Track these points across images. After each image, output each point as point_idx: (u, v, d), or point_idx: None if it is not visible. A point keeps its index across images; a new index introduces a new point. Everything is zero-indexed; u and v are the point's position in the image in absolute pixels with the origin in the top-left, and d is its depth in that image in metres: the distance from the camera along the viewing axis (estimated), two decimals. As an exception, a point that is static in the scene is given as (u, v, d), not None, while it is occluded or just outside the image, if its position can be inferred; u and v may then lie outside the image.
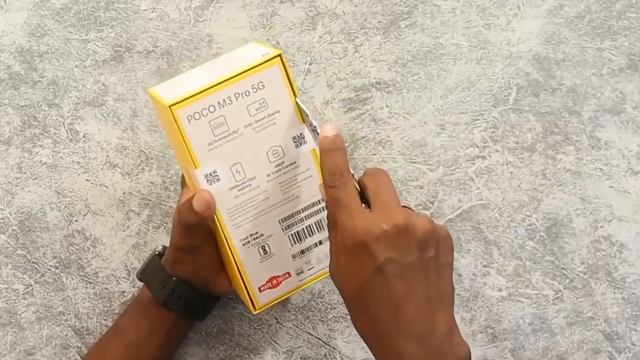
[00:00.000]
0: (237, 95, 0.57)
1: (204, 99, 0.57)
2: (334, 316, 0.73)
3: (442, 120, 0.73)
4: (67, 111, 0.73)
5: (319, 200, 0.61)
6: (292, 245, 0.61)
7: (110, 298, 0.73)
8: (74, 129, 0.73)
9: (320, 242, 0.61)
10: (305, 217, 0.61)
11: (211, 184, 0.58)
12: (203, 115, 0.57)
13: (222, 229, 0.59)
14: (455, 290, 0.73)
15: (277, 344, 0.74)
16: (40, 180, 0.73)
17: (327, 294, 0.73)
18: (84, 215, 0.73)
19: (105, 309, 0.73)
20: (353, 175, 0.53)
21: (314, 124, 0.56)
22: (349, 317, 0.73)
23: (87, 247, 0.73)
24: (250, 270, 0.61)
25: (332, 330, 0.73)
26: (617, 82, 0.73)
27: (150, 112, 0.73)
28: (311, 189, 0.60)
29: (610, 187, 0.73)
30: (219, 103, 0.57)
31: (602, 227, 0.73)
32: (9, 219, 0.73)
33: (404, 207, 0.52)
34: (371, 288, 0.50)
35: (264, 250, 0.61)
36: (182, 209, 0.59)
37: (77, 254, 0.73)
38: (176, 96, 0.57)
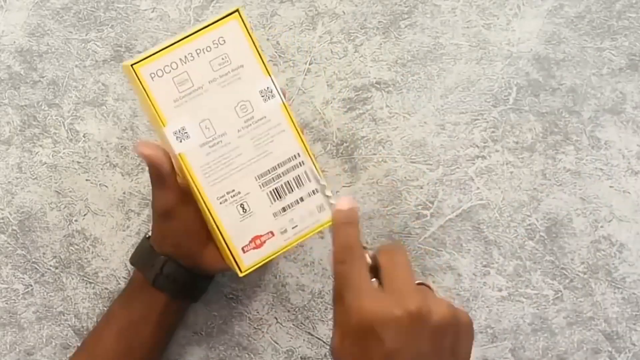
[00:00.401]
0: (198, 51, 0.58)
1: (165, 57, 0.58)
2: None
3: (442, 120, 0.73)
4: (67, 111, 0.73)
5: (294, 155, 0.61)
6: (271, 203, 0.61)
7: (110, 298, 0.73)
8: (74, 128, 0.73)
9: (302, 199, 0.61)
10: (282, 172, 0.61)
11: (181, 141, 0.59)
12: (166, 72, 0.58)
13: (197, 187, 0.60)
14: (455, 290, 0.73)
15: (277, 344, 0.74)
16: (40, 180, 0.73)
17: (327, 294, 0.73)
18: (84, 215, 0.73)
19: (105, 309, 0.73)
20: (367, 248, 0.51)
21: (328, 193, 0.58)
22: (349, 317, 0.73)
23: (87, 247, 0.73)
24: (230, 229, 0.60)
25: (332, 330, 0.73)
26: (617, 82, 0.73)
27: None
28: (285, 144, 0.60)
29: (610, 187, 0.73)
30: (180, 60, 0.58)
31: (602, 227, 0.73)
32: (9, 219, 0.73)
33: (419, 284, 0.49)
34: None
35: (243, 208, 0.61)
36: (149, 170, 0.61)
37: (77, 254, 0.73)
38: (138, 57, 0.58)
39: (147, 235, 0.68)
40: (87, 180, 0.73)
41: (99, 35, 0.73)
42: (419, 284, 0.50)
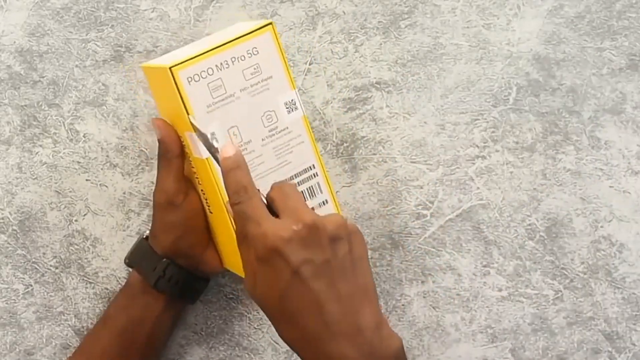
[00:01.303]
0: (233, 59, 0.60)
1: (203, 62, 0.59)
2: (334, 316, 0.73)
3: (442, 120, 0.73)
4: (67, 111, 0.73)
5: (310, 167, 0.63)
6: None
7: (110, 298, 0.73)
8: (74, 128, 0.73)
9: (312, 209, 0.62)
10: (298, 182, 0.63)
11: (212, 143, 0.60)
12: (202, 78, 0.59)
13: (220, 193, 0.60)
14: (455, 290, 0.73)
15: (277, 344, 0.74)
16: (40, 180, 0.73)
17: (327, 294, 0.73)
18: (84, 215, 0.73)
19: (105, 309, 0.73)
20: (259, 190, 0.54)
21: (215, 145, 0.58)
22: (349, 317, 0.73)
23: (87, 247, 0.73)
24: None
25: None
26: (617, 82, 0.73)
27: (150, 112, 0.73)
28: (303, 155, 0.62)
29: (610, 187, 0.73)
30: (216, 66, 0.59)
31: (602, 227, 0.73)
32: (9, 219, 0.73)
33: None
34: (291, 294, 0.49)
35: None
36: (158, 150, 0.63)
37: (77, 254, 0.73)
38: (176, 60, 0.59)
39: (144, 236, 0.68)
40: (87, 180, 0.73)
41: (99, 35, 0.73)
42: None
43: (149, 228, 0.73)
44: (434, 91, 0.73)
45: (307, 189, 0.63)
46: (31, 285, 0.73)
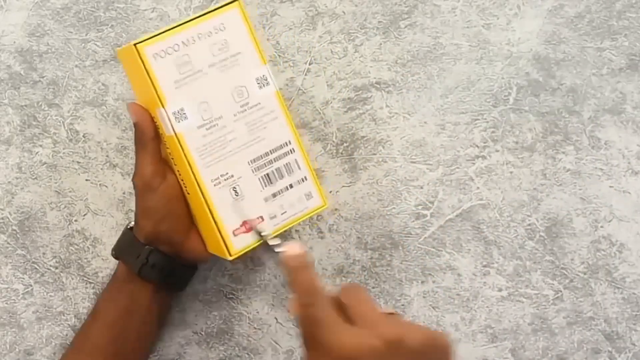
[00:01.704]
0: (199, 35, 0.61)
1: (168, 38, 0.60)
2: (334, 316, 0.73)
3: (442, 120, 0.73)
4: (67, 111, 0.73)
5: (286, 143, 0.63)
6: (263, 188, 0.62)
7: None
8: (74, 128, 0.73)
9: (291, 186, 0.63)
10: (274, 159, 0.63)
11: (179, 121, 0.60)
12: (168, 54, 0.60)
13: (192, 169, 0.61)
14: (455, 290, 0.73)
15: (277, 344, 0.74)
16: (40, 180, 0.73)
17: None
18: (84, 215, 0.73)
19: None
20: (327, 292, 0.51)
21: (277, 244, 0.59)
22: (349, 317, 0.73)
23: (87, 247, 0.73)
24: (222, 212, 0.61)
25: None
26: (617, 82, 0.73)
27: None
28: (278, 130, 0.62)
29: (610, 187, 0.73)
30: (183, 42, 0.60)
31: (602, 227, 0.73)
32: (9, 219, 0.73)
33: (390, 314, 0.49)
34: None
35: (235, 191, 0.62)
36: (134, 134, 0.63)
37: (77, 254, 0.73)
38: (141, 37, 0.60)
39: (128, 226, 0.68)
40: (87, 180, 0.73)
41: (99, 35, 0.73)
42: (388, 313, 0.49)
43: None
44: (434, 91, 0.73)
45: (284, 165, 0.63)
46: (31, 285, 0.73)
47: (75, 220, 0.73)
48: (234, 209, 0.62)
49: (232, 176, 0.62)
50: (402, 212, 0.73)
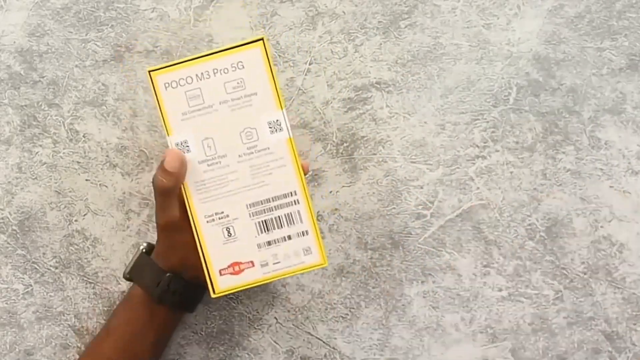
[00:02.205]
0: (215, 70, 0.60)
1: (182, 70, 0.60)
2: (334, 316, 0.73)
3: (442, 120, 0.73)
4: (67, 111, 0.73)
5: (291, 192, 0.61)
6: (258, 234, 0.61)
7: (110, 298, 0.73)
8: (74, 128, 0.73)
9: (289, 237, 0.61)
10: (274, 207, 0.61)
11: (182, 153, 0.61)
12: (180, 85, 0.60)
13: (188, 201, 0.61)
14: (455, 290, 0.73)
15: (277, 344, 0.74)
16: (40, 180, 0.73)
17: (327, 294, 0.73)
18: (84, 215, 0.73)
19: (105, 309, 0.73)
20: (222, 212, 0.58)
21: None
22: (349, 316, 0.73)
23: (87, 247, 0.73)
24: (212, 249, 0.61)
25: (332, 330, 0.73)
26: (617, 82, 0.73)
27: (150, 112, 0.73)
28: (284, 179, 0.61)
29: (610, 187, 0.73)
30: (197, 75, 0.60)
31: (602, 227, 0.73)
32: (9, 219, 0.73)
33: None
34: None
35: (229, 232, 0.61)
36: (157, 174, 0.61)
37: (77, 254, 0.73)
38: (159, 65, 0.61)
39: (142, 249, 0.68)
40: (87, 180, 0.73)
41: (99, 35, 0.73)
42: None
43: (149, 228, 0.73)
44: (434, 91, 0.73)
45: (285, 215, 0.61)
46: (31, 285, 0.73)
47: (75, 220, 0.73)
48: (224, 249, 0.61)
49: (228, 216, 0.61)
50: (402, 212, 0.73)
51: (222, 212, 0.61)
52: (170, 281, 0.64)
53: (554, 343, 0.73)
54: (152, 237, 0.73)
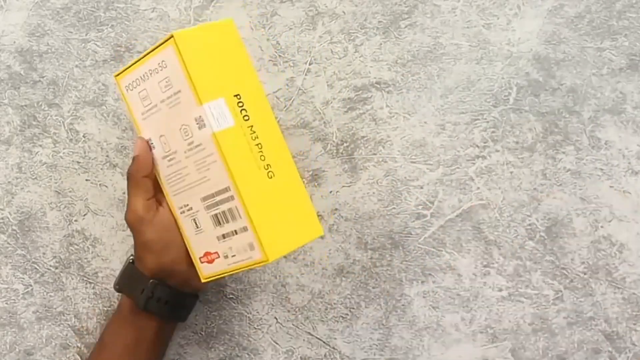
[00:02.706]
0: (150, 71, 0.61)
1: (132, 72, 0.62)
2: (334, 316, 0.73)
3: (442, 120, 0.73)
4: (67, 111, 0.73)
5: (225, 189, 0.59)
6: (214, 227, 0.61)
7: (110, 298, 0.73)
8: (74, 128, 0.73)
9: (236, 232, 0.60)
10: (218, 202, 0.60)
11: (151, 150, 0.63)
12: (134, 87, 0.62)
13: (166, 194, 0.63)
14: (456, 290, 0.73)
15: (277, 344, 0.74)
16: (40, 180, 0.73)
17: (327, 294, 0.73)
18: (84, 215, 0.73)
19: (105, 309, 0.73)
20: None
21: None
22: (349, 316, 0.73)
23: (87, 247, 0.73)
24: (191, 239, 0.63)
25: (332, 330, 0.73)
26: (617, 82, 0.73)
27: (150, 112, 0.73)
28: (218, 174, 0.59)
29: (610, 187, 0.73)
30: (141, 77, 0.62)
31: (602, 227, 0.73)
32: (9, 219, 0.73)
33: None
34: None
35: (196, 223, 0.62)
36: (129, 168, 0.63)
37: (77, 254, 0.73)
38: (122, 68, 0.63)
39: (130, 260, 0.67)
40: (87, 180, 0.73)
41: (99, 35, 0.73)
42: None
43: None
44: (434, 91, 0.73)
45: (227, 210, 0.60)
46: (31, 285, 0.73)
47: (75, 220, 0.73)
48: (197, 239, 0.62)
49: (191, 209, 0.62)
50: (402, 212, 0.73)
51: (187, 205, 0.62)
52: (155, 288, 0.64)
53: (554, 343, 0.73)
54: (152, 237, 0.73)
